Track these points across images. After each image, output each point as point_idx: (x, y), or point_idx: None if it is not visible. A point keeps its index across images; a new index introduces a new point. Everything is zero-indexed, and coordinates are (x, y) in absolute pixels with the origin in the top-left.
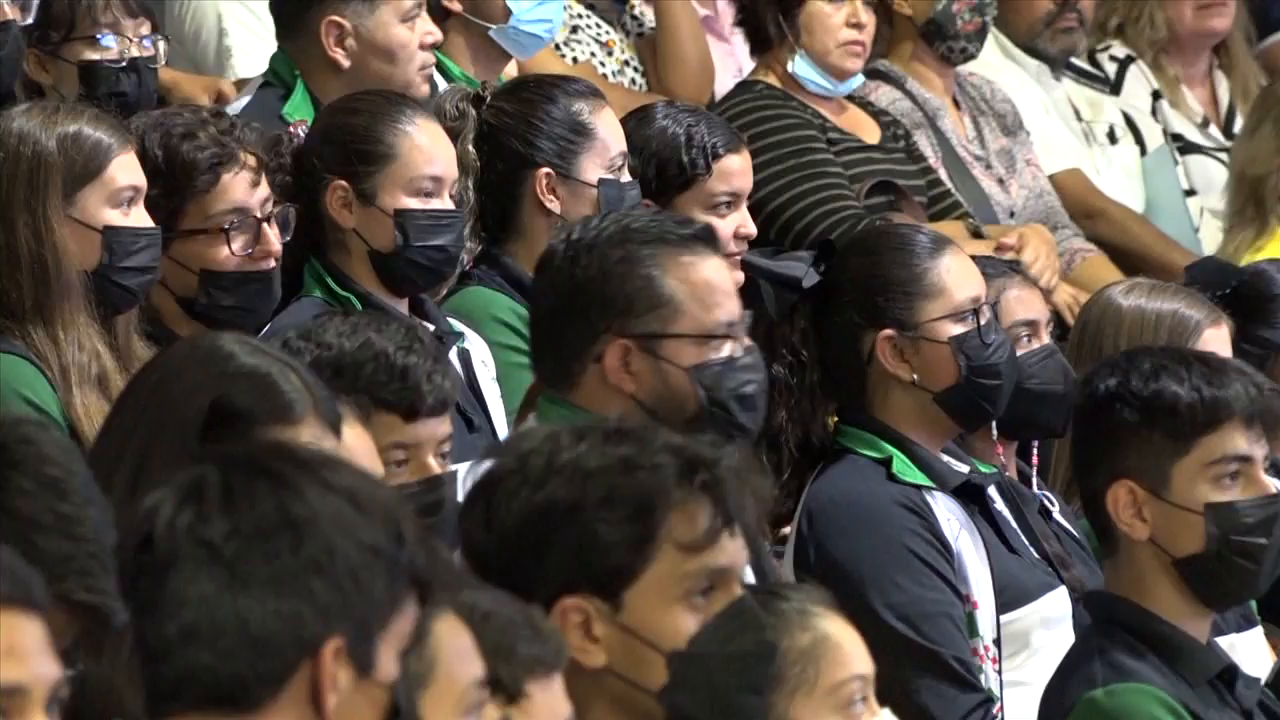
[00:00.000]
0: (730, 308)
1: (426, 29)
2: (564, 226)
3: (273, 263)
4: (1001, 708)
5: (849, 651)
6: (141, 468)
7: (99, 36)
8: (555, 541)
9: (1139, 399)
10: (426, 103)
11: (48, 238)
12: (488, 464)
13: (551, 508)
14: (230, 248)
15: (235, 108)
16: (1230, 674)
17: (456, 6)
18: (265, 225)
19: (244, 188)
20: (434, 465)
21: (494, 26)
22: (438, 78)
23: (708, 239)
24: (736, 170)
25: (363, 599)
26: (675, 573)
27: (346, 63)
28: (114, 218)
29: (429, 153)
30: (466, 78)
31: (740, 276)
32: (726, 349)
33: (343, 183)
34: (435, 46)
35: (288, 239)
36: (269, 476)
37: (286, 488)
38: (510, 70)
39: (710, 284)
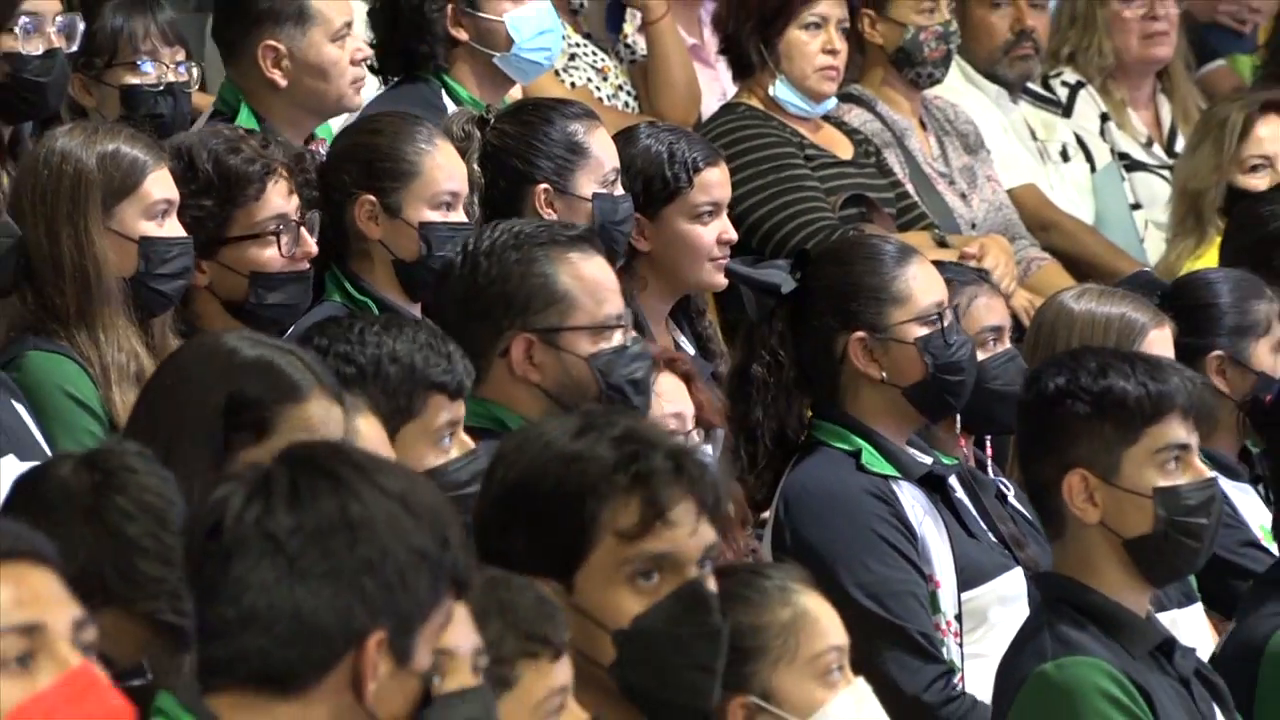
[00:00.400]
0: (616, 301)
1: (356, 46)
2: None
3: (308, 263)
4: (962, 678)
5: (826, 624)
6: (168, 465)
7: (139, 63)
8: (514, 527)
9: (1090, 394)
10: (435, 124)
11: (89, 249)
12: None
13: (510, 496)
14: (279, 250)
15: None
16: (1169, 645)
17: (464, 35)
18: (301, 229)
19: (283, 196)
20: (468, 440)
21: (498, 54)
22: (447, 101)
23: (591, 240)
24: (716, 182)
25: (408, 597)
26: (615, 558)
27: (284, 82)
28: (149, 229)
29: (448, 169)
30: (473, 101)
31: (724, 281)
32: (616, 338)
33: (370, 197)
34: (364, 61)
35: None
36: (331, 478)
37: (346, 490)
38: (515, 93)
39: (598, 280)
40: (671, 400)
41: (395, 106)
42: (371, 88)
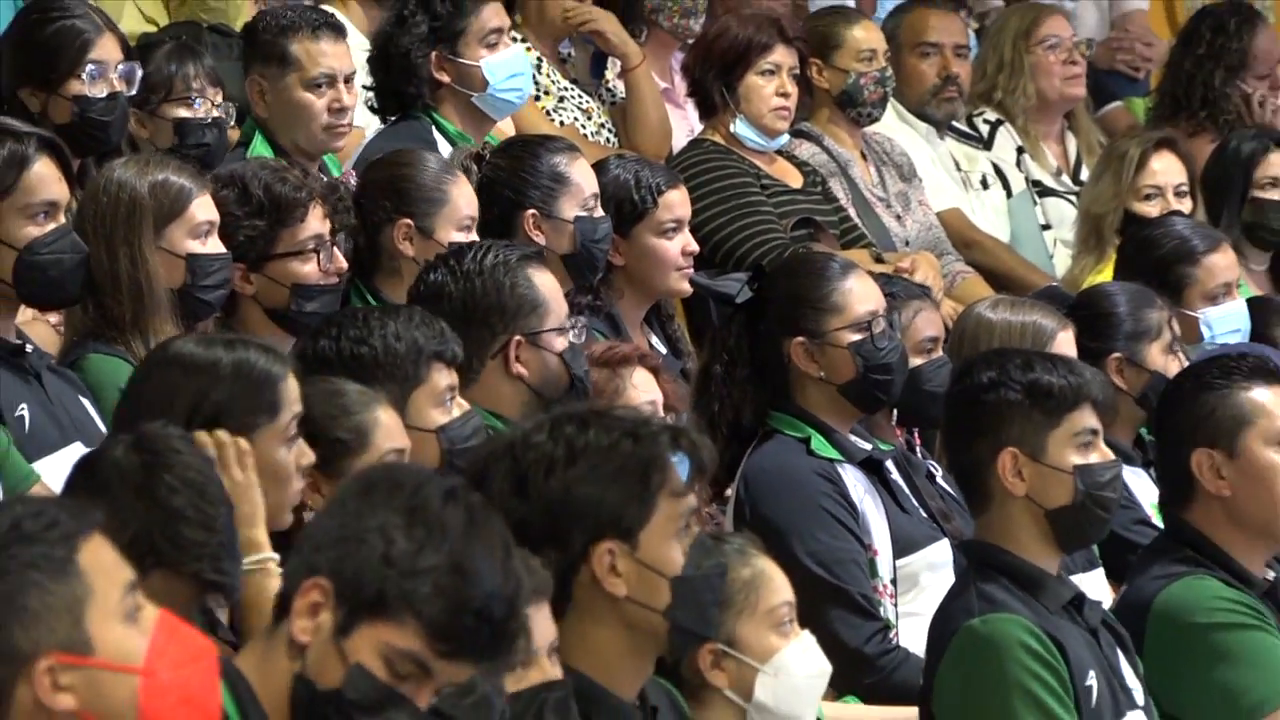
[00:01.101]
0: (565, 304)
1: (335, 96)
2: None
3: (338, 278)
4: (897, 633)
5: (779, 583)
6: None
7: (191, 100)
8: (589, 503)
9: (1020, 383)
10: (446, 160)
11: (142, 265)
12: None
13: (583, 479)
14: (318, 265)
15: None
16: (1079, 600)
17: (446, 78)
18: (334, 248)
19: (320, 219)
20: (464, 403)
21: (475, 94)
22: (436, 135)
23: (542, 256)
24: (677, 202)
25: None
26: (671, 514)
27: (264, 115)
28: (194, 247)
29: (468, 196)
30: (459, 134)
31: (689, 289)
32: (570, 336)
33: (408, 221)
34: (344, 111)
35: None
36: None
37: None
38: (506, 126)
39: (556, 288)
40: (646, 390)
41: (393, 142)
42: (374, 125)
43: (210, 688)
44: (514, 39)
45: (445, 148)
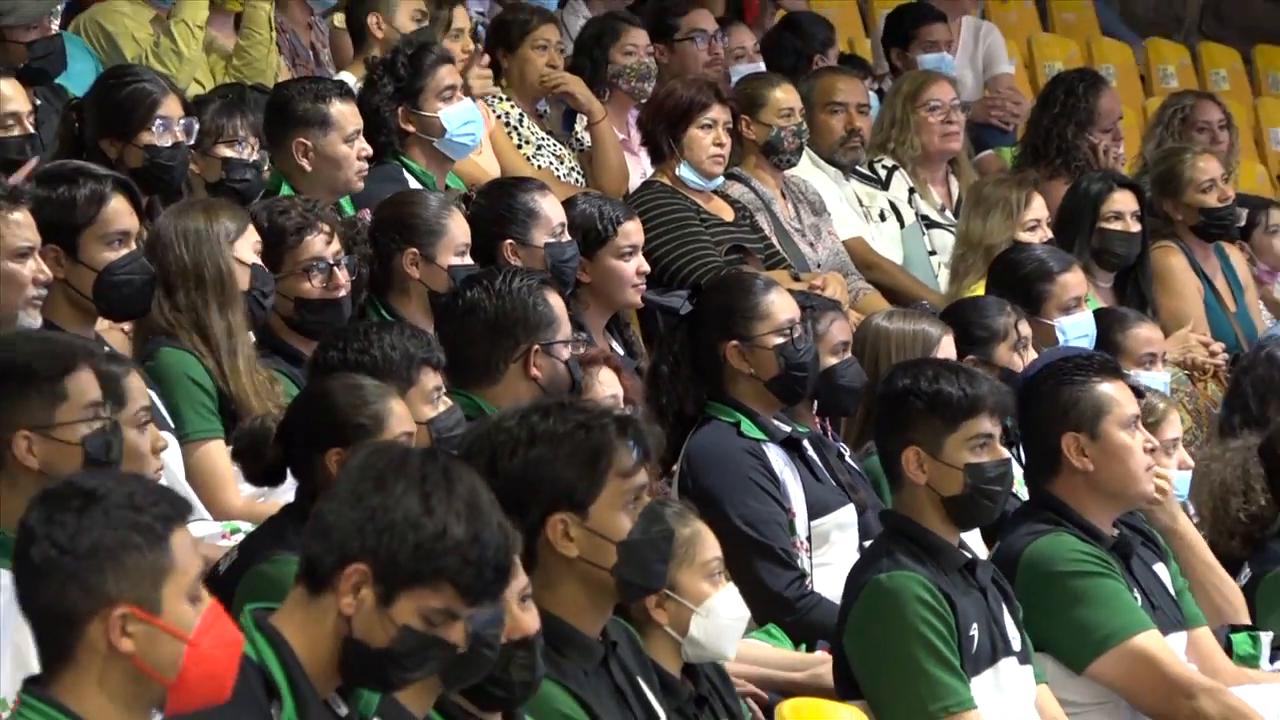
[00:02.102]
0: (569, 322)
1: (362, 146)
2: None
3: (342, 293)
4: (812, 580)
5: (711, 541)
6: None
7: (236, 143)
8: (545, 480)
9: (925, 394)
10: (444, 198)
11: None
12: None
13: (543, 460)
14: (315, 283)
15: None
16: (971, 565)
17: (411, 127)
18: (335, 269)
19: (322, 244)
20: (448, 400)
21: (436, 140)
22: (406, 174)
23: (554, 281)
24: (633, 230)
25: None
26: (619, 490)
27: (309, 169)
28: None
29: (463, 228)
30: (424, 173)
31: (640, 302)
32: (571, 348)
33: (414, 249)
34: (368, 159)
35: (353, 278)
36: None
37: None
38: (493, 169)
39: (563, 307)
40: (610, 386)
41: (371, 183)
42: None
43: (230, 670)
44: (499, 98)
45: (414, 184)
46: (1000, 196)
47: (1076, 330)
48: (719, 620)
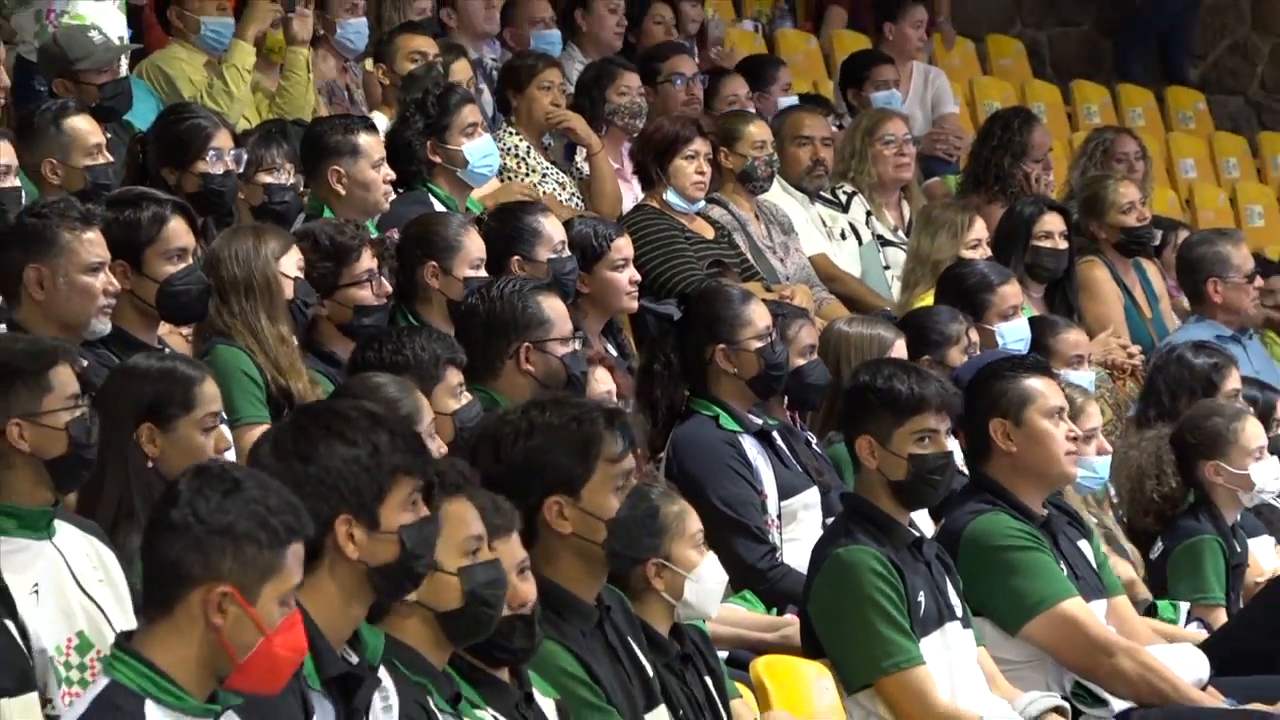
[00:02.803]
0: (569, 322)
1: (387, 172)
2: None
3: (388, 299)
4: (781, 553)
5: (694, 516)
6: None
7: (277, 169)
8: (544, 466)
9: (879, 391)
10: (461, 218)
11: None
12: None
13: (540, 449)
14: (371, 291)
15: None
16: (919, 541)
17: (437, 159)
18: (381, 279)
19: (370, 260)
20: (468, 395)
21: (459, 170)
22: (432, 199)
23: (553, 286)
24: (624, 245)
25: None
26: (608, 475)
27: (343, 192)
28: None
29: (479, 244)
30: (448, 199)
31: (635, 307)
32: (573, 345)
33: (434, 263)
34: (390, 181)
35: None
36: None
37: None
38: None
39: (561, 310)
40: (605, 383)
41: (403, 205)
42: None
43: (288, 670)
44: (509, 132)
45: (439, 207)
46: (947, 219)
47: (1014, 335)
48: (707, 584)
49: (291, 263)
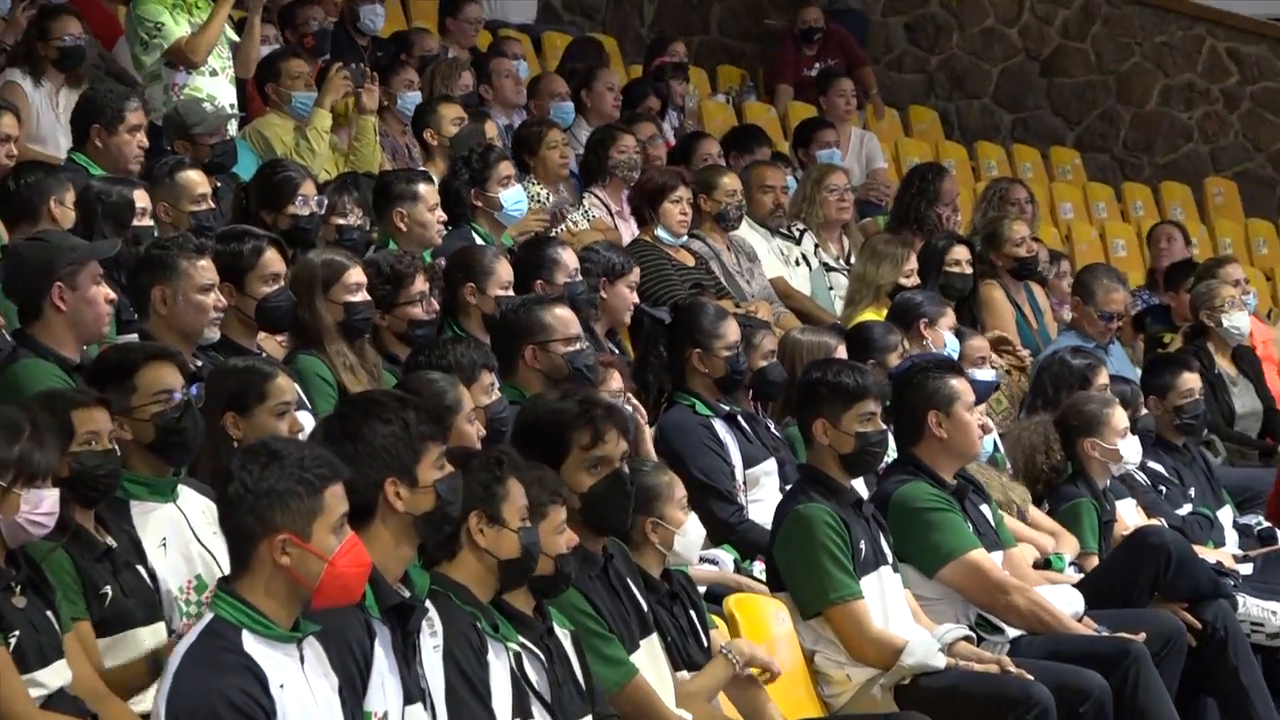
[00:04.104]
0: (575, 327)
1: (440, 215)
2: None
3: (435, 315)
4: (747, 511)
5: (680, 484)
6: None
7: (348, 213)
8: (533, 445)
9: (830, 383)
10: (494, 249)
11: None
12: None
13: (533, 436)
14: (422, 309)
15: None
16: (859, 501)
17: (479, 203)
18: (431, 299)
19: (422, 283)
20: (498, 393)
21: (497, 213)
22: (475, 235)
23: (560, 299)
24: (637, 273)
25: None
26: (579, 460)
27: (405, 229)
28: (351, 298)
29: (508, 270)
30: (487, 234)
31: (628, 321)
32: (575, 345)
33: (472, 284)
34: (444, 222)
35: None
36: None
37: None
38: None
39: (564, 316)
40: (616, 382)
41: (451, 240)
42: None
43: (359, 583)
44: (531, 181)
45: (479, 241)
46: (889, 251)
47: (953, 346)
48: (690, 537)
49: (350, 280)
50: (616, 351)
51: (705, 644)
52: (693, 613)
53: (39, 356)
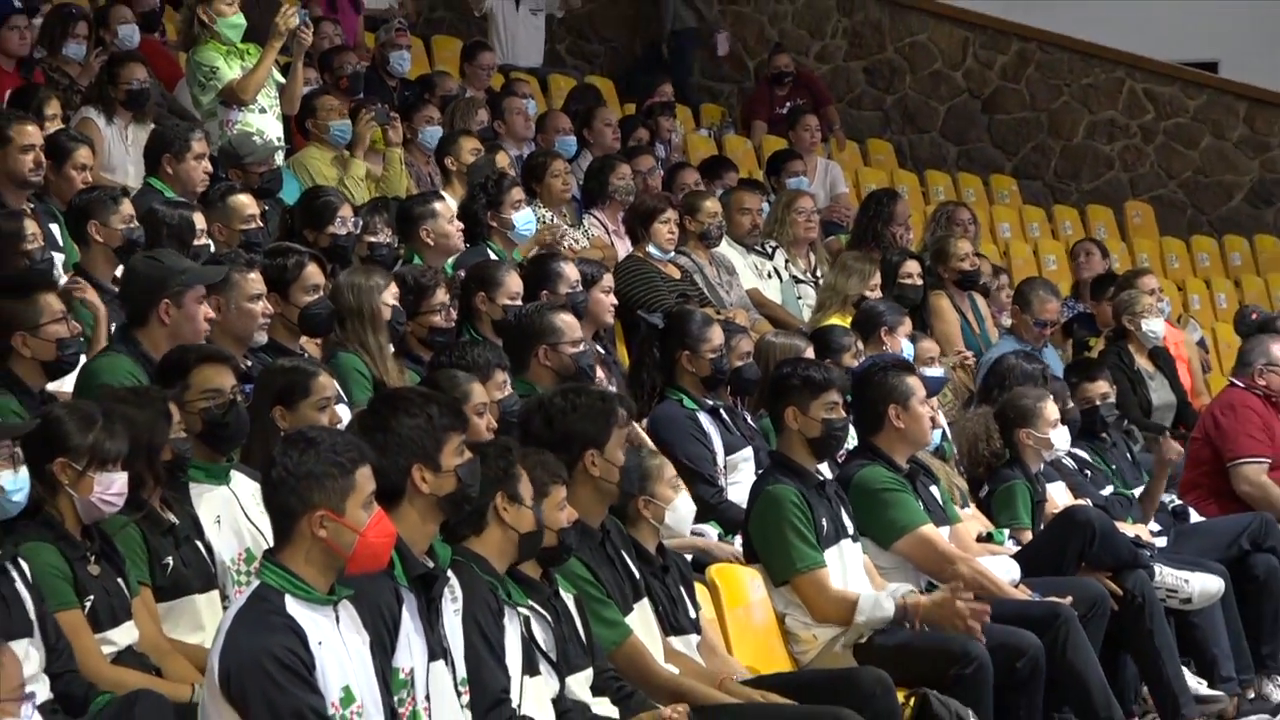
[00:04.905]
0: (579, 330)
1: (459, 225)
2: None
3: (454, 322)
4: (727, 492)
5: (670, 465)
6: None
7: (379, 232)
8: (580, 431)
9: (800, 376)
10: (506, 262)
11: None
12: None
13: (578, 420)
14: (443, 318)
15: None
16: (823, 483)
17: (494, 225)
18: (450, 308)
19: (443, 295)
20: (510, 389)
21: (509, 232)
22: (489, 251)
23: (566, 306)
24: (609, 278)
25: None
26: (620, 438)
27: (431, 244)
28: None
29: (517, 282)
30: (500, 251)
31: (611, 321)
32: (579, 347)
33: (484, 293)
34: (462, 234)
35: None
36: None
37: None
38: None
39: (570, 321)
40: (600, 375)
41: (468, 256)
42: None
43: (387, 550)
44: (537, 206)
45: (493, 256)
46: (858, 267)
47: (908, 351)
48: (680, 513)
49: (390, 295)
50: (603, 352)
51: (693, 614)
52: (682, 587)
53: (129, 355)
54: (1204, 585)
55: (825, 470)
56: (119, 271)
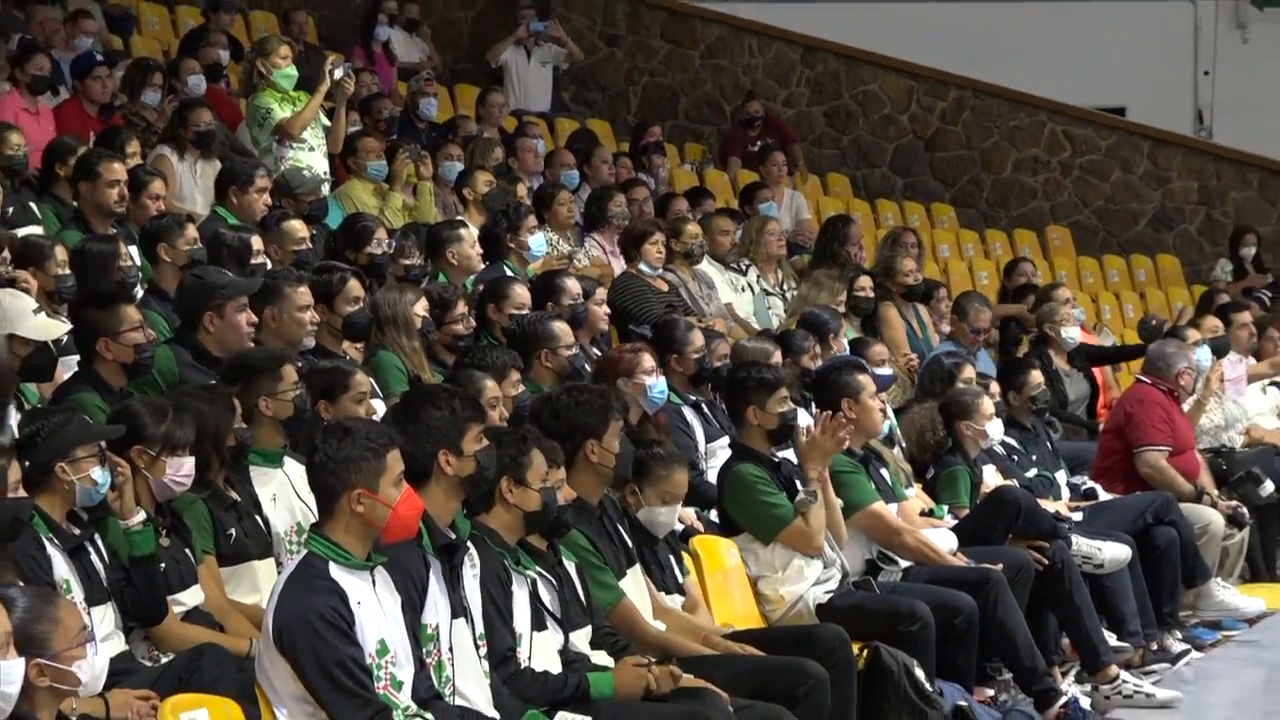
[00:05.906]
0: (572, 337)
1: (479, 250)
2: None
3: (470, 330)
4: (706, 472)
5: (680, 479)
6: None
7: (410, 255)
8: (581, 423)
9: (755, 378)
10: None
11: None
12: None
13: (581, 413)
14: (463, 328)
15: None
16: (778, 464)
17: (511, 246)
18: (470, 320)
19: (463, 308)
20: (521, 385)
21: (524, 252)
22: (507, 269)
23: (561, 316)
24: (601, 293)
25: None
26: (615, 429)
27: (456, 263)
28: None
29: (525, 295)
30: (515, 267)
31: (605, 328)
32: (573, 350)
33: (493, 304)
34: (485, 259)
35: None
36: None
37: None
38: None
39: (565, 329)
40: (648, 360)
41: (488, 272)
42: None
43: (415, 522)
44: (546, 231)
45: (509, 274)
46: (828, 283)
47: (850, 355)
48: (658, 519)
49: (421, 307)
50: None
51: (680, 578)
52: (671, 555)
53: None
54: (1114, 553)
55: (783, 454)
56: None
